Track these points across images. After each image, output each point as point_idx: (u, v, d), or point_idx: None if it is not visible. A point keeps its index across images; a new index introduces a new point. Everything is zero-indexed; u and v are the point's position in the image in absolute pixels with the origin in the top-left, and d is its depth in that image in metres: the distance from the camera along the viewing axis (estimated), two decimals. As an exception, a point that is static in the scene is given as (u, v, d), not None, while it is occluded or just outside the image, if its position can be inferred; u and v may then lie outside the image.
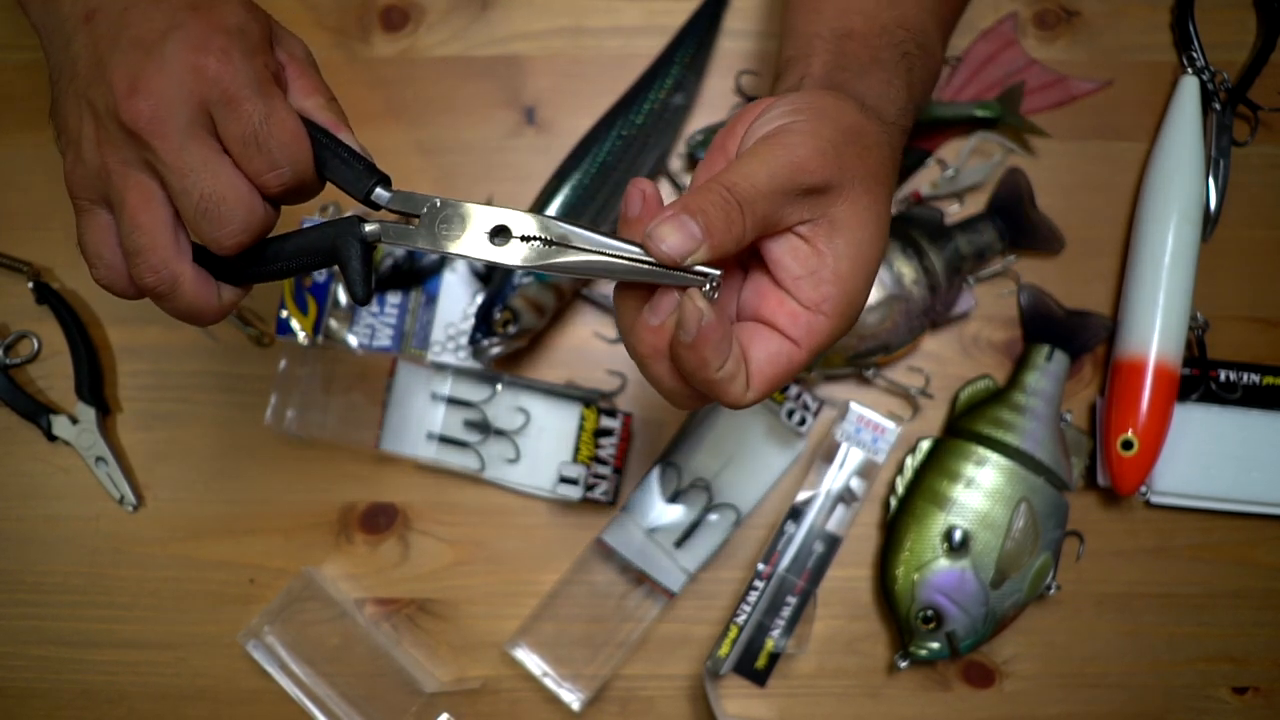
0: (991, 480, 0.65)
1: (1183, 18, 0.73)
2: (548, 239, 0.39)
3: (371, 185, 0.41)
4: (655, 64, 0.71)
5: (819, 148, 0.38)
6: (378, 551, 0.69)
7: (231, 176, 0.39)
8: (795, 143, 0.38)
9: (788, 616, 0.66)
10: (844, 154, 0.39)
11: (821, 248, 0.39)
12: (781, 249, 0.39)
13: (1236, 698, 0.68)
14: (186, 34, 0.38)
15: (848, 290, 0.40)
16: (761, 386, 0.39)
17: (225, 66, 0.38)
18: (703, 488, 0.67)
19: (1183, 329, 0.67)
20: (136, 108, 0.37)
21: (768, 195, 0.37)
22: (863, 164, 0.40)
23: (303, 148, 0.40)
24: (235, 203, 0.39)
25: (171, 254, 0.40)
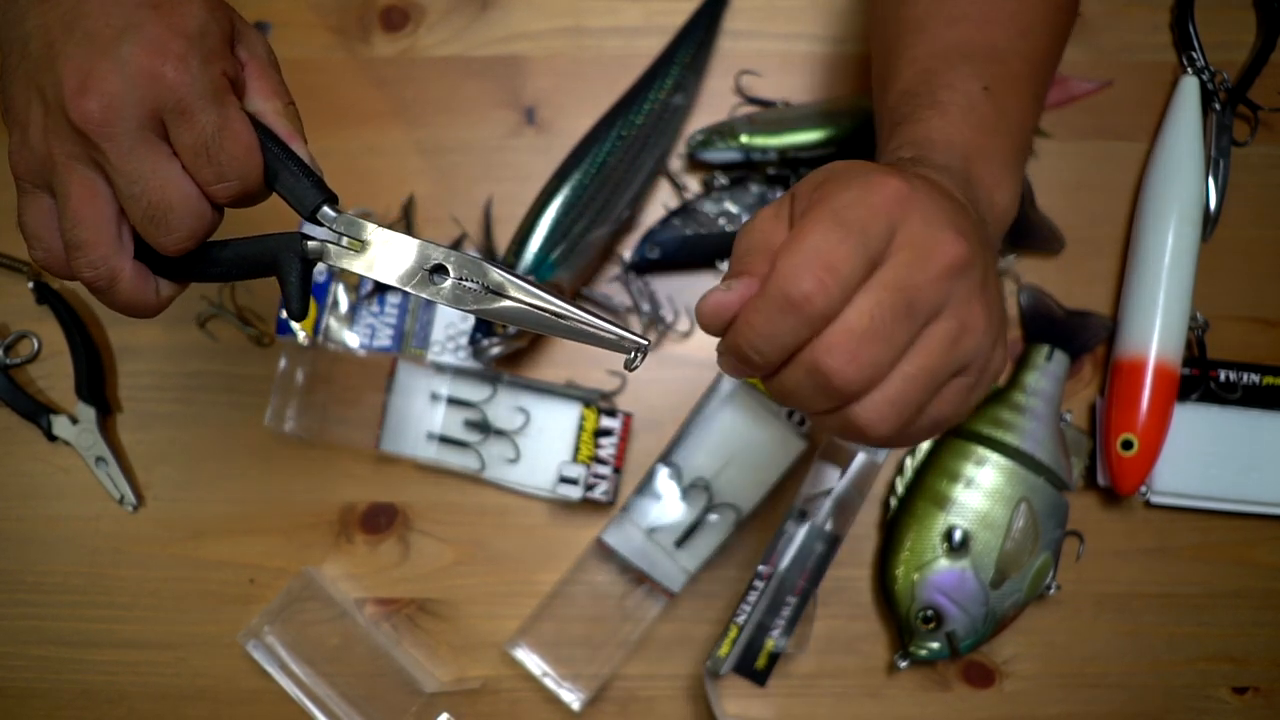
0: (991, 480, 0.65)
1: (1183, 18, 0.73)
2: (484, 285, 0.39)
3: (319, 204, 0.41)
4: (655, 64, 0.71)
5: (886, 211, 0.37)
6: (378, 551, 0.69)
7: (180, 183, 0.38)
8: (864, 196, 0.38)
9: (788, 616, 0.66)
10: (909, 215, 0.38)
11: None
12: None
13: (1236, 698, 0.68)
14: (144, 35, 0.37)
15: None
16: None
17: (181, 74, 0.37)
18: (703, 488, 0.67)
19: (1183, 329, 0.67)
20: (86, 107, 0.37)
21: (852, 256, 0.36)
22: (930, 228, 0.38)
23: (254, 161, 0.40)
24: (183, 211, 0.38)
25: (112, 250, 0.39)
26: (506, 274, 0.39)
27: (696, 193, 0.71)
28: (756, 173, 0.70)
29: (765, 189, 0.69)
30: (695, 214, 0.69)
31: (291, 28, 0.73)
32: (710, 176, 0.71)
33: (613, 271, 0.71)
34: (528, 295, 0.39)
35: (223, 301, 0.70)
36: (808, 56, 0.73)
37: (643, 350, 0.38)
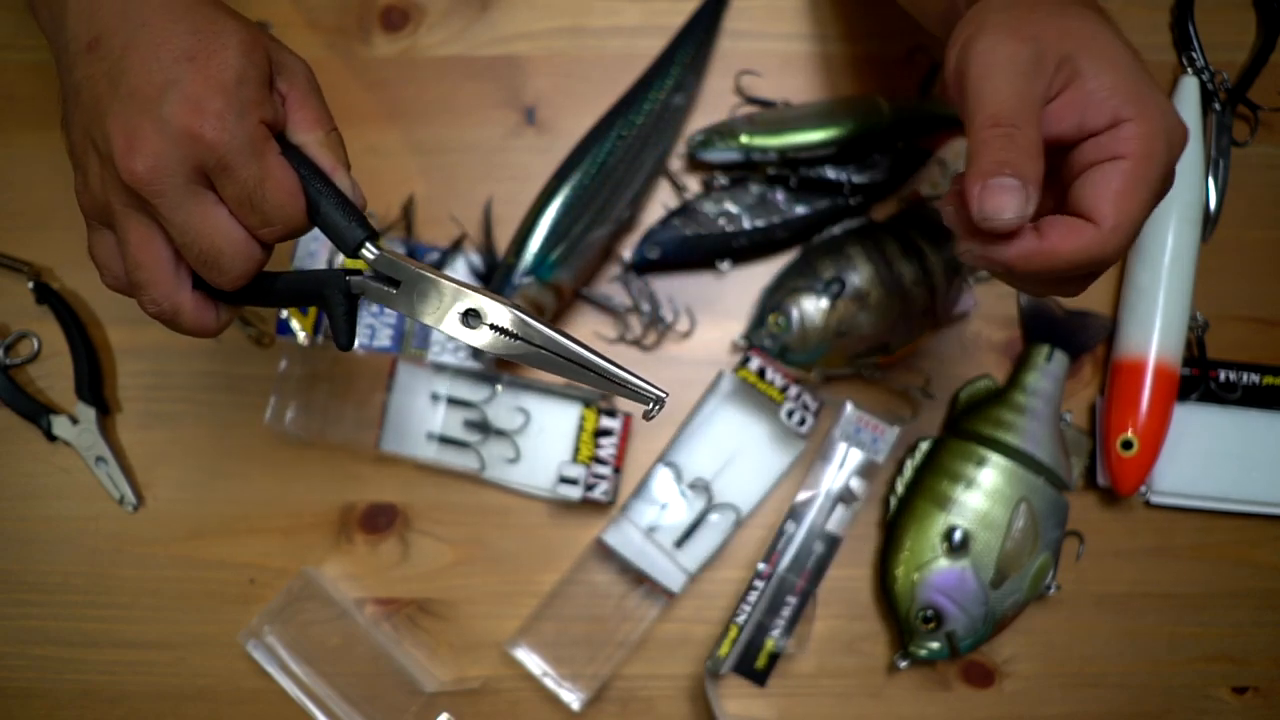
0: (991, 480, 0.65)
1: (1182, 18, 0.73)
2: (514, 333, 0.41)
3: (360, 241, 0.42)
4: (655, 64, 0.71)
5: (1008, 32, 0.40)
6: (378, 551, 0.69)
7: (229, 230, 0.41)
8: (987, 49, 0.40)
9: (788, 616, 0.66)
10: (1027, 16, 0.41)
11: (1076, 82, 0.40)
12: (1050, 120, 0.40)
13: (1236, 698, 0.68)
14: (183, 93, 0.38)
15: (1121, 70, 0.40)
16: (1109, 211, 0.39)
17: (219, 133, 0.38)
18: (703, 488, 0.67)
19: (1183, 329, 0.67)
20: (134, 168, 0.38)
21: (1016, 97, 0.39)
22: (1048, 6, 0.41)
23: (296, 205, 0.41)
24: (233, 255, 0.41)
25: (171, 288, 0.42)
26: (537, 324, 0.41)
27: (696, 193, 0.71)
28: (756, 173, 0.70)
29: (765, 189, 0.69)
30: (695, 214, 0.69)
31: (292, 28, 0.73)
32: (710, 176, 0.71)
33: (613, 271, 0.71)
34: (557, 348, 0.41)
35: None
36: (808, 56, 0.73)
37: (661, 402, 0.41)
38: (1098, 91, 0.40)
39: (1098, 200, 0.39)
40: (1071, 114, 0.40)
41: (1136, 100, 0.40)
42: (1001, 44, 0.40)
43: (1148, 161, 0.40)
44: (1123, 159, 0.40)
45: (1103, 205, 0.39)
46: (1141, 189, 0.40)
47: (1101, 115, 0.40)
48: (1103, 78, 0.40)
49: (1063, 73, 0.40)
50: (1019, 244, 0.39)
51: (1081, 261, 0.39)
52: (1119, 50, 0.41)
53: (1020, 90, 0.39)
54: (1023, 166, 0.38)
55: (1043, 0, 0.42)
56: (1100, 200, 0.39)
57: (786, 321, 0.67)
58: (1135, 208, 0.40)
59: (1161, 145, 0.40)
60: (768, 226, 0.69)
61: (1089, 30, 0.41)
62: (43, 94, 0.73)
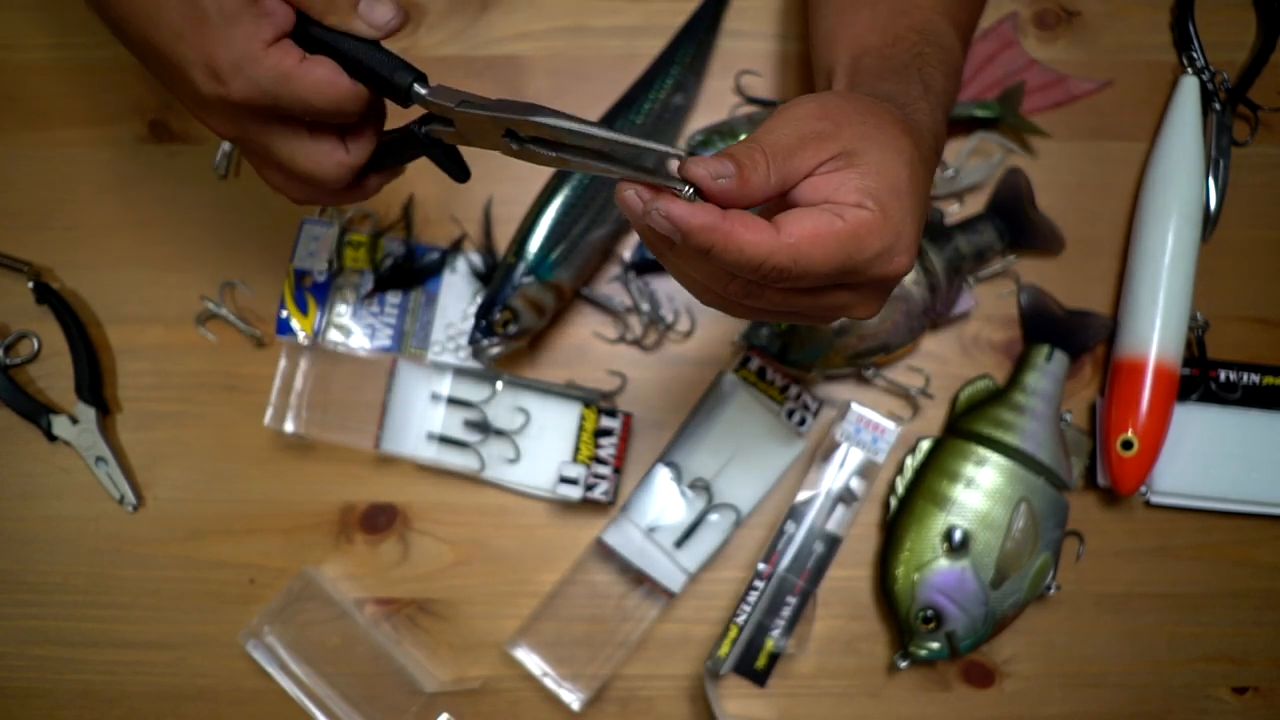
0: (991, 480, 0.65)
1: (1183, 18, 0.73)
2: (550, 140, 0.43)
3: (408, 87, 0.45)
4: (655, 64, 0.71)
5: (819, 103, 0.42)
6: (378, 551, 0.69)
7: (312, 151, 0.46)
8: (798, 104, 0.43)
9: (788, 616, 0.66)
10: (844, 107, 0.43)
11: (843, 171, 0.41)
12: (806, 189, 0.41)
13: (1236, 698, 0.68)
14: (199, 72, 0.42)
15: (888, 184, 0.41)
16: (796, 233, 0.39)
17: (246, 86, 0.42)
18: (703, 488, 0.67)
19: (1183, 329, 0.67)
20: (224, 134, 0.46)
21: (783, 141, 0.40)
22: (868, 114, 0.43)
23: (337, 91, 0.44)
24: (327, 169, 0.47)
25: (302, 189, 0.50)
26: (560, 120, 0.42)
27: (696, 193, 0.71)
28: (756, 173, 0.70)
29: (765, 189, 0.69)
30: (695, 214, 0.69)
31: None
32: (710, 176, 0.71)
33: (613, 271, 0.71)
34: (584, 132, 0.41)
35: (222, 301, 0.70)
36: (807, 57, 0.73)
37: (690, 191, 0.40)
38: (856, 182, 0.41)
39: (793, 221, 0.39)
40: (827, 189, 0.41)
41: (884, 204, 0.40)
42: (806, 105, 0.42)
43: (855, 239, 0.40)
44: (839, 219, 0.40)
45: (793, 226, 0.39)
46: (833, 248, 0.39)
47: (849, 196, 0.40)
48: (868, 179, 0.41)
49: (838, 162, 0.41)
50: (702, 214, 0.38)
51: (748, 258, 0.39)
52: (899, 170, 0.42)
53: (788, 140, 0.40)
54: (744, 167, 0.39)
55: (871, 110, 0.43)
56: (794, 223, 0.39)
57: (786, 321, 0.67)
58: (816, 253, 0.39)
59: (876, 243, 0.40)
60: (768, 226, 0.69)
61: (888, 145, 0.42)
62: (43, 94, 0.73)
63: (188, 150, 0.72)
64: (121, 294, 0.71)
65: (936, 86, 0.51)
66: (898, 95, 0.49)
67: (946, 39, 0.54)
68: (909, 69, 0.51)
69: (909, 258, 0.42)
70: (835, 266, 0.40)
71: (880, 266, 0.41)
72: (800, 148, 0.41)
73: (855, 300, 0.43)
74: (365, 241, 0.70)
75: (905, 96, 0.49)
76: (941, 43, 0.54)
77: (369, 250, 0.70)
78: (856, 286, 0.42)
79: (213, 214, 0.72)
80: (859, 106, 0.43)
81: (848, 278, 0.41)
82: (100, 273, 0.71)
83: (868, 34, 0.54)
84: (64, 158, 0.72)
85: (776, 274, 0.39)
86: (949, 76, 0.53)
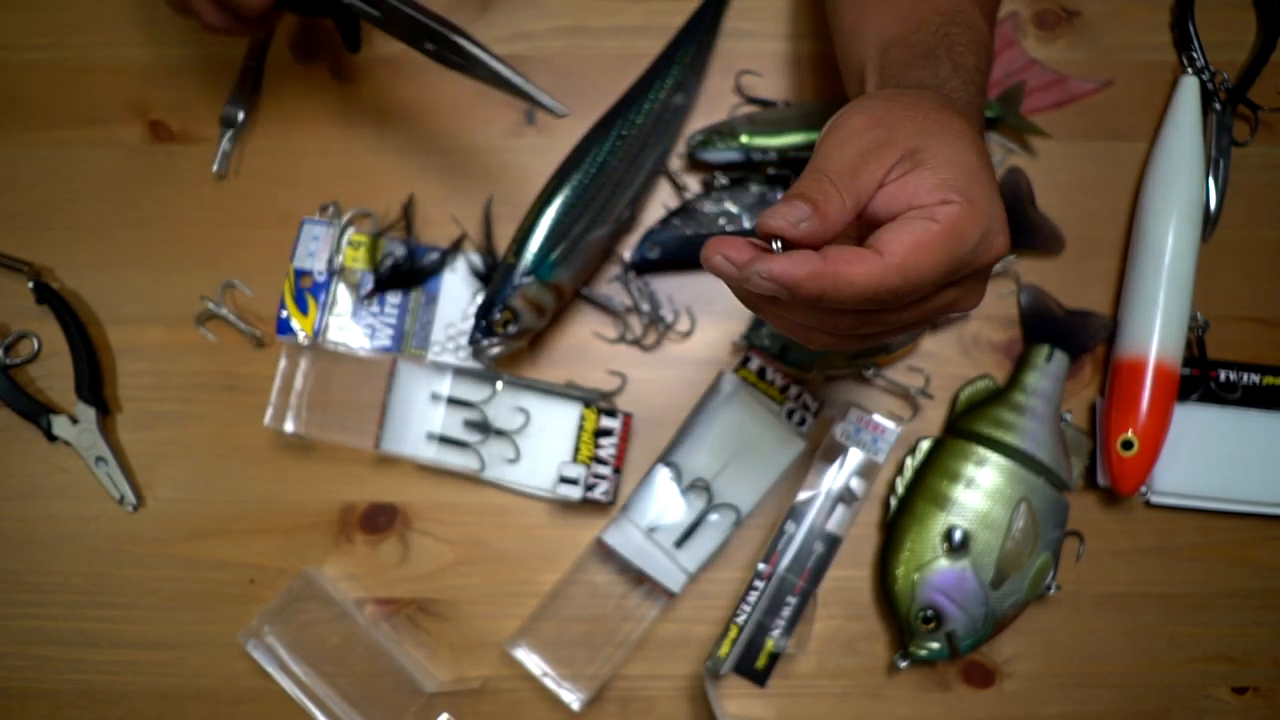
0: (991, 480, 0.65)
1: (1183, 18, 0.73)
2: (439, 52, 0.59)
3: None
4: (655, 64, 0.71)
5: (867, 112, 0.42)
6: (378, 551, 0.69)
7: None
8: (843, 120, 0.42)
9: (788, 616, 0.66)
10: (891, 108, 0.42)
11: (915, 171, 0.40)
12: (883, 199, 0.40)
13: (1236, 698, 0.68)
14: None
15: (963, 171, 0.40)
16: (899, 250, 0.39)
17: None
18: (703, 488, 0.67)
19: (1183, 329, 0.67)
20: None
21: (846, 161, 0.40)
22: (915, 108, 0.42)
23: None
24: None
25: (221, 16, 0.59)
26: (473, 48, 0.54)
27: (696, 193, 0.71)
28: (756, 173, 0.70)
29: (765, 189, 0.69)
30: (695, 214, 0.69)
31: (292, 28, 0.73)
32: (710, 176, 0.71)
33: (613, 271, 0.71)
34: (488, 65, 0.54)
35: (222, 301, 0.70)
36: (808, 56, 0.73)
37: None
38: (932, 179, 0.40)
39: (891, 240, 0.39)
40: (904, 195, 0.40)
41: (967, 193, 0.40)
42: (855, 118, 0.42)
43: (955, 236, 0.39)
44: (932, 221, 0.39)
45: (894, 243, 0.39)
46: (937, 252, 0.39)
47: (930, 196, 0.40)
48: (942, 171, 0.40)
49: (907, 163, 0.41)
50: (805, 263, 0.38)
51: (860, 289, 0.38)
52: (967, 154, 0.41)
53: (850, 159, 0.40)
54: (819, 202, 0.38)
55: (917, 103, 0.43)
56: (893, 240, 0.39)
57: (786, 321, 0.67)
58: (924, 263, 0.39)
59: (974, 232, 0.40)
60: (768, 226, 0.69)
61: (946, 132, 0.42)
62: (43, 94, 0.73)
63: (188, 150, 0.72)
64: (121, 294, 0.71)
65: (967, 65, 0.51)
66: (928, 80, 0.49)
67: (971, 17, 0.54)
68: (935, 52, 0.51)
69: (1005, 236, 0.42)
70: (944, 270, 0.40)
71: (983, 254, 0.41)
72: (864, 163, 0.40)
73: (962, 294, 0.43)
74: (365, 241, 0.70)
75: (936, 79, 0.49)
76: (967, 21, 0.53)
77: (369, 250, 0.70)
78: (961, 280, 0.42)
79: (213, 214, 0.72)
80: (905, 103, 0.43)
81: (954, 275, 0.41)
82: (100, 273, 0.71)
83: (892, 24, 0.53)
84: (64, 158, 0.72)
85: (891, 297, 0.39)
86: (978, 54, 0.52)
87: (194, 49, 0.73)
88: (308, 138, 0.72)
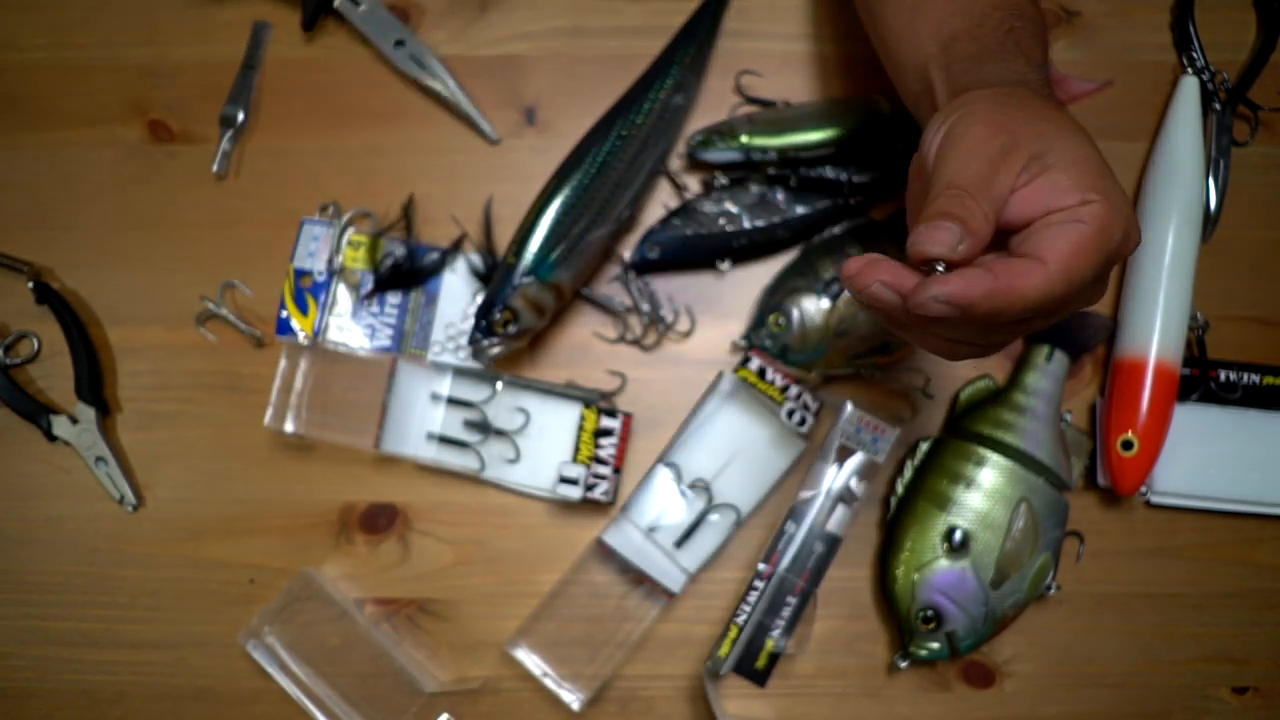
0: (991, 480, 0.65)
1: (1183, 18, 0.73)
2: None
3: None
4: (655, 64, 0.71)
5: (985, 120, 0.42)
6: (378, 551, 0.69)
7: None
8: (962, 131, 0.42)
9: (788, 617, 0.66)
10: (1008, 112, 0.42)
11: (1046, 174, 0.41)
12: (1016, 205, 0.41)
13: (1236, 698, 0.68)
14: None
15: (1092, 169, 0.41)
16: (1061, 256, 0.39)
17: None
18: (703, 488, 0.67)
19: (1183, 329, 0.67)
20: None
21: (979, 173, 0.40)
22: (1025, 108, 0.43)
23: None
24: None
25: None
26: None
27: (696, 193, 0.71)
28: (756, 173, 0.70)
29: (765, 189, 0.69)
30: (695, 214, 0.69)
31: (292, 28, 0.73)
32: (710, 176, 0.71)
33: (613, 271, 0.71)
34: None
35: (222, 301, 0.70)
36: (808, 56, 0.73)
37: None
38: (1066, 180, 0.41)
39: (1049, 247, 0.39)
40: (1040, 199, 0.40)
41: (1103, 190, 0.40)
42: (976, 128, 0.42)
43: (1103, 234, 0.40)
44: (1081, 223, 0.40)
45: (1054, 250, 0.39)
46: (1091, 253, 0.39)
47: (1069, 198, 0.40)
48: (1072, 171, 0.41)
49: (1032, 168, 0.41)
50: (979, 282, 0.38)
51: (1032, 300, 0.39)
52: (1089, 153, 0.42)
53: (982, 169, 0.40)
54: (966, 220, 0.39)
55: (1025, 104, 0.43)
56: (1052, 246, 0.39)
57: (787, 321, 0.67)
58: (1084, 265, 0.39)
59: (1118, 228, 0.40)
60: (768, 226, 0.69)
61: (1064, 132, 0.42)
62: (43, 94, 0.73)
63: (187, 150, 0.72)
64: (121, 294, 0.71)
65: (1037, 58, 0.50)
66: (1008, 75, 0.48)
67: (1028, 8, 0.53)
68: (1005, 47, 0.50)
69: (1138, 228, 0.42)
70: (1098, 269, 0.40)
71: (1125, 247, 0.41)
72: (994, 172, 0.40)
73: (1097, 288, 0.43)
74: (365, 241, 0.70)
75: (1015, 74, 0.48)
76: (1026, 13, 0.53)
77: (369, 250, 0.70)
78: (1102, 275, 0.42)
79: (213, 214, 0.72)
80: (1015, 104, 0.43)
81: (1105, 272, 0.41)
82: (100, 273, 0.71)
83: (951, 19, 0.52)
84: (64, 158, 0.72)
85: (1056, 305, 0.39)
86: (1042, 44, 0.52)
87: (194, 49, 0.73)
88: (308, 138, 0.72)
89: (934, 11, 0.54)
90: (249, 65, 0.73)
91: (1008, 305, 0.38)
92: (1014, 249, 0.40)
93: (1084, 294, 0.42)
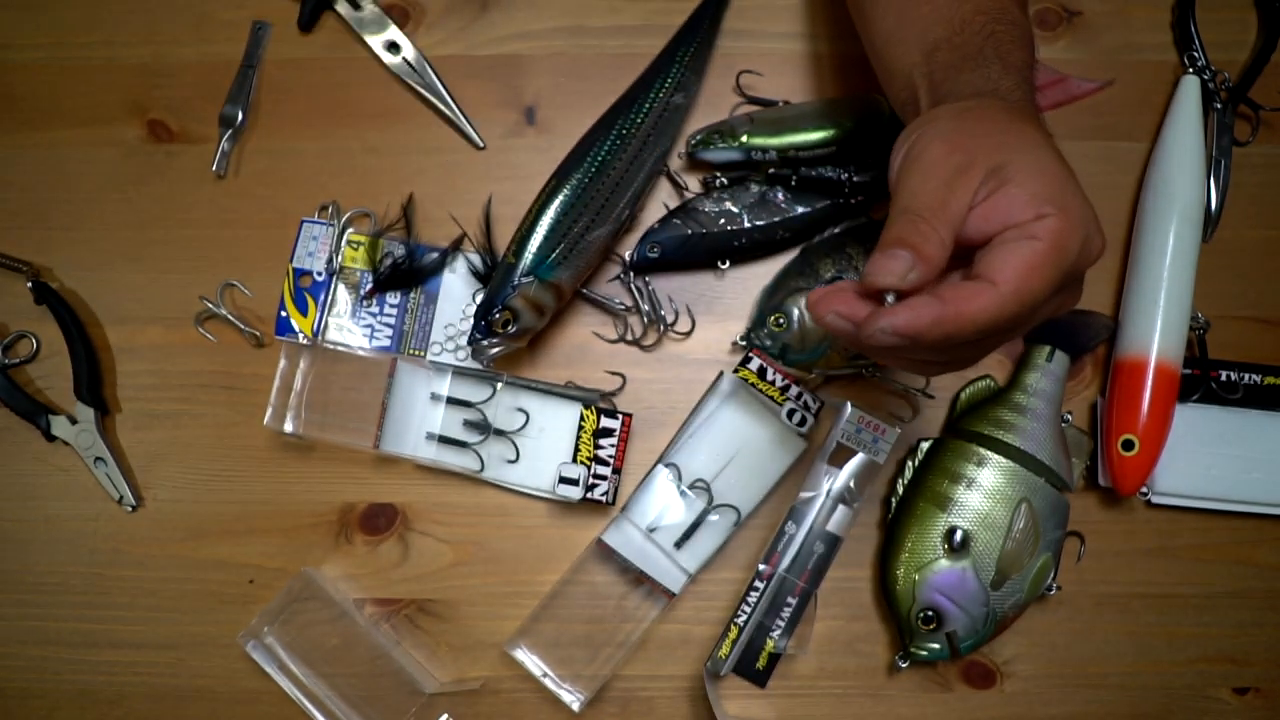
0: (992, 480, 0.65)
1: (1183, 17, 0.72)
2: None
3: None
4: (655, 64, 0.71)
5: (942, 139, 0.42)
6: (377, 551, 0.69)
7: None
8: (920, 151, 0.42)
9: (788, 617, 0.66)
10: (966, 128, 0.42)
11: (1003, 188, 0.40)
12: (975, 221, 0.41)
13: (1237, 698, 0.68)
14: None
15: (1052, 180, 0.40)
16: (1012, 277, 0.39)
17: None
18: (703, 488, 0.67)
19: (1183, 329, 0.67)
20: None
21: (934, 194, 0.40)
22: (985, 121, 0.43)
23: None
24: None
25: None
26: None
27: (696, 192, 0.71)
28: (756, 172, 0.70)
29: (765, 188, 0.69)
30: (695, 214, 0.69)
31: (291, 28, 0.73)
32: (710, 176, 0.71)
33: (613, 271, 0.71)
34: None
35: (222, 301, 0.70)
36: (808, 56, 0.73)
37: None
38: (1023, 195, 0.40)
39: (1001, 266, 0.39)
40: (997, 214, 0.41)
41: (1060, 202, 0.40)
42: (932, 147, 0.42)
43: (1058, 251, 0.40)
44: (1035, 240, 0.40)
45: (1005, 270, 0.39)
46: (1047, 270, 0.39)
47: (1025, 212, 0.40)
48: (1030, 184, 0.41)
49: (991, 181, 0.41)
50: (925, 311, 0.38)
51: (982, 324, 0.39)
52: (1050, 161, 0.42)
53: (938, 190, 0.40)
54: (919, 246, 0.39)
55: (988, 115, 0.43)
56: (1003, 267, 0.39)
57: (787, 321, 0.67)
58: (1036, 284, 0.39)
59: (1075, 241, 0.40)
60: (768, 226, 0.69)
61: (1024, 144, 0.42)
62: (43, 94, 0.73)
63: (187, 150, 0.72)
64: (121, 294, 0.71)
65: (1016, 61, 0.50)
66: (981, 83, 0.48)
67: (1011, 12, 0.54)
68: (984, 52, 0.50)
69: (1101, 236, 0.42)
70: (1054, 284, 0.40)
71: (1084, 259, 0.41)
72: (950, 193, 0.40)
73: (1066, 297, 0.43)
74: (365, 241, 0.70)
75: (989, 81, 0.48)
76: (1009, 17, 0.53)
77: (368, 250, 0.70)
78: (1066, 286, 0.42)
79: (212, 214, 0.72)
80: (976, 117, 0.43)
81: (1063, 285, 0.41)
82: (100, 273, 0.71)
83: (934, 26, 0.53)
84: (64, 158, 0.72)
85: (1011, 324, 0.39)
86: (1024, 48, 0.52)
87: (194, 49, 0.73)
88: (308, 138, 0.72)
89: (918, 19, 0.54)
90: (248, 65, 0.73)
91: (957, 331, 0.38)
92: (974, 267, 0.40)
93: (1049, 305, 0.42)
